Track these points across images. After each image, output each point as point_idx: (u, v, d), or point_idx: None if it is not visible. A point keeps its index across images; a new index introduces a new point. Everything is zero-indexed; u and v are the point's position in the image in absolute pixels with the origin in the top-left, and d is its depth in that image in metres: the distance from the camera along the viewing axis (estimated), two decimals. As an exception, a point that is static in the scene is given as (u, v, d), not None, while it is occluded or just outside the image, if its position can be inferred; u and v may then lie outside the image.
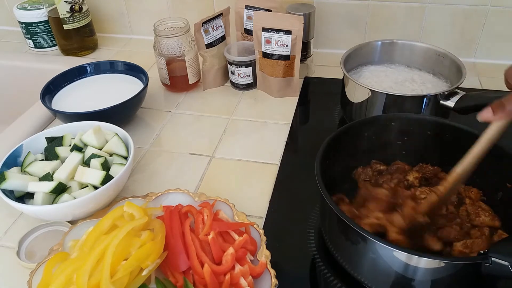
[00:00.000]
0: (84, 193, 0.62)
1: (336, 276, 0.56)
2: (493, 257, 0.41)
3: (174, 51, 0.88)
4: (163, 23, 0.90)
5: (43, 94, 0.82)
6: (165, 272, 0.52)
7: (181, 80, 0.93)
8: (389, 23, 1.01)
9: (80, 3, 1.05)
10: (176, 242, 0.53)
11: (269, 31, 0.86)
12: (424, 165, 0.64)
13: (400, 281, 0.48)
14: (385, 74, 0.83)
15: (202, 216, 0.58)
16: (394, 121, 0.63)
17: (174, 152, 0.79)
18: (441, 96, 0.71)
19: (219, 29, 0.92)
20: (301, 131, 0.84)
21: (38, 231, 0.63)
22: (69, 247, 0.55)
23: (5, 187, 0.61)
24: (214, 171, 0.74)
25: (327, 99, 0.92)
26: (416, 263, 0.45)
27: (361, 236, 0.48)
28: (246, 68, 0.91)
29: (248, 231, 0.57)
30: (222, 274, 0.51)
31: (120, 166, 0.65)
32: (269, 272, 0.52)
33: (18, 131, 0.83)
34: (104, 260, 0.48)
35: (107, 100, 0.79)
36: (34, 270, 0.54)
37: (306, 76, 0.99)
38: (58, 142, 0.70)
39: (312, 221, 0.63)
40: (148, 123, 0.87)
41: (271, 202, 0.67)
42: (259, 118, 0.87)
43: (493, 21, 0.96)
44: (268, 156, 0.77)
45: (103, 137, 0.70)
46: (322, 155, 0.56)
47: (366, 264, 0.51)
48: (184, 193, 0.64)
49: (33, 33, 1.12)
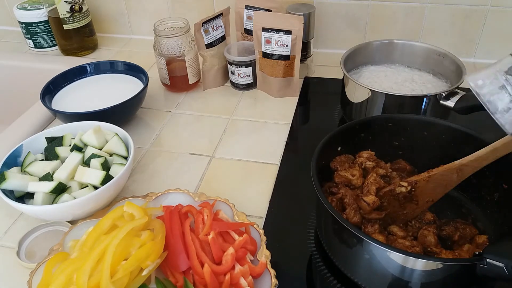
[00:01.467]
0: (84, 193, 0.62)
1: (336, 276, 0.56)
2: (488, 259, 0.41)
3: (174, 51, 0.88)
4: (163, 23, 0.90)
5: (43, 94, 0.82)
6: (165, 272, 0.52)
7: (181, 80, 0.93)
8: (389, 23, 1.01)
9: (80, 3, 1.05)
10: (176, 242, 0.53)
11: (269, 31, 0.86)
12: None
13: (396, 283, 0.48)
14: (385, 74, 0.83)
15: (202, 216, 0.58)
16: (390, 122, 0.63)
17: (174, 152, 0.79)
18: (441, 96, 0.71)
19: (219, 29, 0.92)
20: (301, 131, 0.84)
21: (38, 231, 0.63)
22: (69, 247, 0.55)
23: (5, 187, 0.61)
24: (214, 171, 0.74)
25: (327, 99, 0.92)
26: (412, 265, 0.45)
27: (356, 237, 0.48)
28: (246, 68, 0.91)
29: (248, 231, 0.57)
30: (222, 274, 0.51)
31: (120, 166, 0.65)
32: (269, 272, 0.52)
33: (18, 131, 0.83)
34: (104, 260, 0.48)
35: (107, 100, 0.79)
36: (34, 270, 0.54)
37: (306, 76, 0.99)
38: (58, 142, 0.70)
39: (312, 221, 0.63)
40: (148, 123, 0.87)
41: (271, 202, 0.67)
42: (259, 118, 0.87)
43: (493, 21, 0.95)
44: (268, 156, 0.77)
45: (103, 137, 0.70)
46: (318, 156, 0.56)
47: (362, 266, 0.51)
48: (184, 193, 0.64)
49: (33, 33, 1.12)
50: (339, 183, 0.60)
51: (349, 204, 0.55)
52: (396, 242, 0.51)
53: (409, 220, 0.56)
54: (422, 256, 0.46)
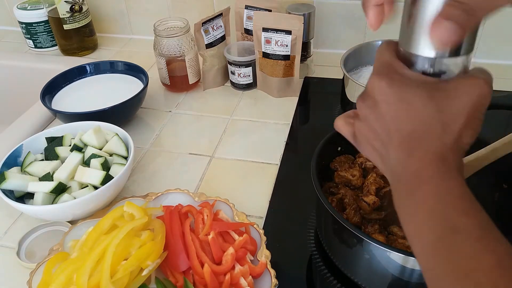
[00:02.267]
0: (84, 193, 0.62)
1: (336, 276, 0.56)
2: None
3: (174, 51, 0.88)
4: (163, 23, 0.90)
5: (43, 94, 0.82)
6: (165, 272, 0.52)
7: (181, 80, 0.93)
8: (389, 23, 1.01)
9: (80, 3, 1.05)
10: (176, 242, 0.53)
11: (269, 31, 0.86)
12: None
13: (396, 283, 0.48)
14: (385, 74, 0.83)
15: (202, 216, 0.58)
16: None
17: (174, 152, 0.79)
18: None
19: (219, 29, 0.92)
20: (301, 131, 0.84)
21: (38, 231, 0.63)
22: (69, 247, 0.55)
23: (5, 187, 0.61)
24: (214, 171, 0.74)
25: (327, 99, 0.92)
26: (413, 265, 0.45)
27: (356, 237, 0.48)
28: (246, 68, 0.91)
29: (248, 231, 0.57)
30: (222, 274, 0.51)
31: (120, 166, 0.65)
32: (269, 272, 0.52)
33: (18, 131, 0.83)
34: (104, 260, 0.48)
35: (107, 100, 0.79)
36: (34, 270, 0.54)
37: (306, 76, 0.99)
38: (58, 142, 0.70)
39: (312, 221, 0.63)
40: (148, 123, 0.87)
41: (271, 202, 0.67)
42: (259, 118, 0.87)
43: (493, 21, 0.95)
44: (268, 156, 0.77)
45: (103, 137, 0.70)
46: (318, 156, 0.56)
47: (362, 266, 0.51)
48: (184, 193, 0.64)
49: (33, 33, 1.12)
50: (339, 183, 0.60)
51: (349, 204, 0.55)
52: (396, 242, 0.51)
53: None
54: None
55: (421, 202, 0.30)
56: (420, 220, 0.30)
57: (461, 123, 0.31)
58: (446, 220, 0.29)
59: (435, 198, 0.30)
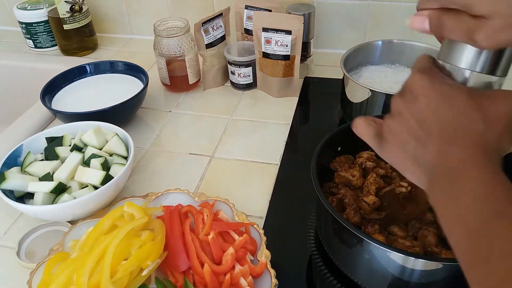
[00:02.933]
0: (84, 193, 0.62)
1: (336, 276, 0.56)
2: None
3: (174, 51, 0.88)
4: (163, 23, 0.90)
5: (43, 94, 0.82)
6: (165, 272, 0.52)
7: (181, 80, 0.93)
8: (389, 23, 1.01)
9: (80, 3, 1.05)
10: (176, 242, 0.53)
11: (269, 31, 0.86)
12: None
13: (396, 283, 0.48)
14: (385, 75, 0.83)
15: (202, 216, 0.58)
16: None
17: (174, 152, 0.79)
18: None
19: (219, 29, 0.92)
20: (301, 131, 0.84)
21: (38, 231, 0.63)
22: (69, 247, 0.55)
23: (5, 187, 0.61)
24: (214, 171, 0.74)
25: (327, 99, 0.92)
26: (413, 265, 0.45)
27: (356, 237, 0.48)
28: (246, 68, 0.91)
29: (248, 231, 0.57)
30: (222, 274, 0.51)
31: (120, 166, 0.65)
32: (269, 272, 0.52)
33: (18, 131, 0.83)
34: (104, 260, 0.48)
35: (107, 100, 0.79)
36: (34, 270, 0.54)
37: (306, 76, 0.99)
38: (58, 142, 0.70)
39: (312, 221, 0.63)
40: (148, 123, 0.87)
41: (271, 202, 0.67)
42: (259, 118, 0.87)
43: None
44: (268, 156, 0.77)
45: (103, 137, 0.70)
46: (318, 156, 0.56)
47: (362, 266, 0.51)
48: (184, 193, 0.64)
49: (33, 33, 1.12)
50: (339, 184, 0.60)
51: (349, 204, 0.55)
52: (396, 242, 0.51)
53: (409, 220, 0.56)
54: (422, 256, 0.46)
55: (467, 188, 0.30)
56: (465, 204, 0.30)
57: (502, 125, 0.31)
58: (492, 205, 0.29)
59: (482, 184, 0.30)
